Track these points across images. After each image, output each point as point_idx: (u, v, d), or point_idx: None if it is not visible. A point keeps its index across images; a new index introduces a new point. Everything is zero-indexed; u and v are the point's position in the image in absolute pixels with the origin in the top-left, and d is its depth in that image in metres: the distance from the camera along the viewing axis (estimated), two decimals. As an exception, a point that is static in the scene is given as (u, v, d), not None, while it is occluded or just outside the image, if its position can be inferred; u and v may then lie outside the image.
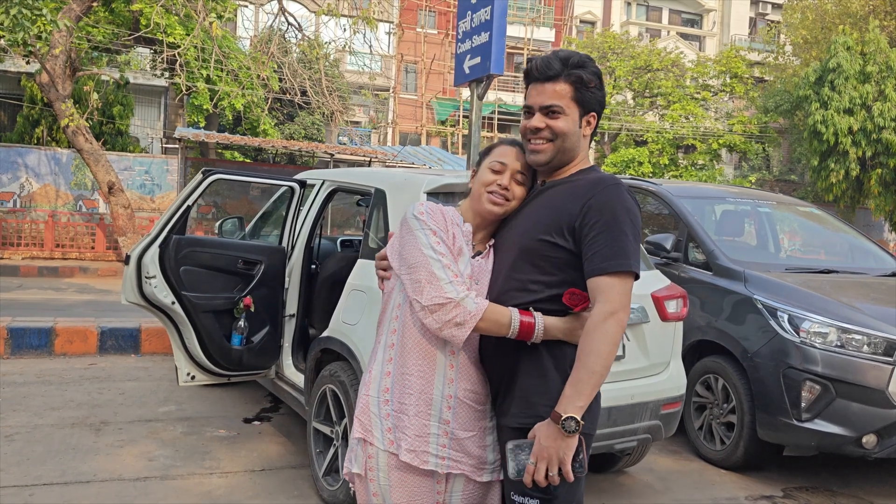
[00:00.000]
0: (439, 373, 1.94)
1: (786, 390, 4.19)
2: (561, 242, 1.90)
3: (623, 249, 1.84)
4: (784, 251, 6.02)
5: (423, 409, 1.93)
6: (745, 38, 34.25)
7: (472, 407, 1.98)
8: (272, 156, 20.68)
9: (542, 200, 2.00)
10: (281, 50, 14.17)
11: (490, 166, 2.05)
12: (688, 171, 25.27)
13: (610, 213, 1.86)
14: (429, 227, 1.92)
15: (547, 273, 1.92)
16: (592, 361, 1.79)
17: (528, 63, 2.01)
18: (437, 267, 1.86)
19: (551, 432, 1.79)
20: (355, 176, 4.49)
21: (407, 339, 1.95)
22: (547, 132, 1.96)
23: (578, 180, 1.98)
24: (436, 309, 1.84)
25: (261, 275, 4.27)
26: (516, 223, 2.02)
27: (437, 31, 31.16)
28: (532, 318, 1.89)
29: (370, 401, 1.98)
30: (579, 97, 1.96)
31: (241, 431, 4.72)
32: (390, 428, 1.93)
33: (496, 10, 7.56)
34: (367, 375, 2.02)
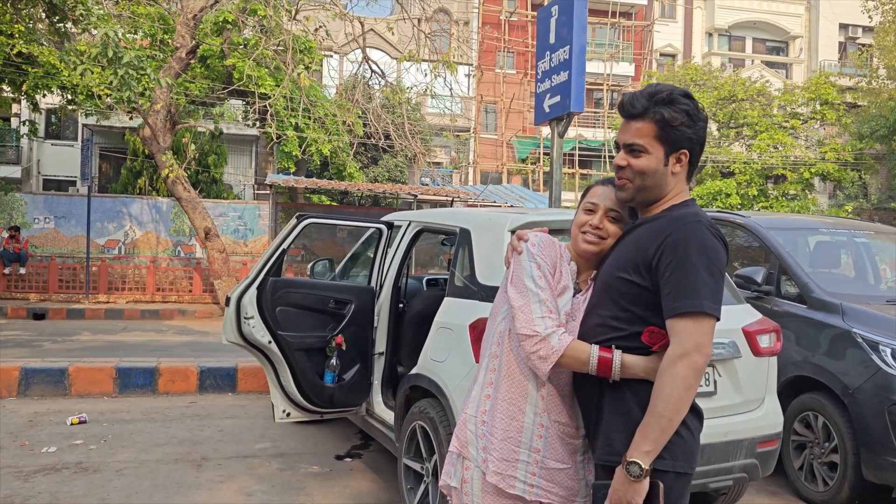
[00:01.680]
0: (531, 402, 2.00)
1: (892, 428, 4.00)
2: (637, 280, 1.90)
3: (693, 288, 1.80)
4: (884, 283, 5.75)
5: (512, 435, 2.00)
6: (834, 63, 33.13)
7: (563, 439, 2.02)
8: (357, 198, 21.28)
9: (631, 238, 2.01)
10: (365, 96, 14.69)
11: (584, 207, 2.12)
12: (778, 201, 24.43)
13: (683, 251, 1.83)
14: (535, 260, 2.01)
15: (626, 310, 1.92)
16: (660, 405, 1.77)
17: (622, 96, 2.02)
18: (534, 300, 1.96)
19: (620, 476, 1.81)
20: (440, 216, 4.61)
21: (504, 365, 2.04)
22: (629, 171, 1.97)
23: (664, 217, 1.96)
24: (524, 339, 1.94)
25: (351, 314, 4.42)
26: (608, 260, 2.06)
27: (516, 71, 31.53)
28: (610, 355, 1.91)
29: (468, 419, 2.08)
30: (663, 136, 1.93)
31: (333, 468, 4.84)
32: (483, 447, 2.02)
33: (574, 49, 7.66)
34: (469, 394, 2.13)
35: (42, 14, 8.85)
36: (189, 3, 12.52)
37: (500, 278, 3.52)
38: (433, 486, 3.69)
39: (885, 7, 21.32)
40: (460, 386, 3.50)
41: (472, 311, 3.56)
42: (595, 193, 2.13)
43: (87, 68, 8.45)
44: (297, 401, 4.38)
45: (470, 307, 3.61)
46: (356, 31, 12.82)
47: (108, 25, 8.19)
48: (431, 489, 3.70)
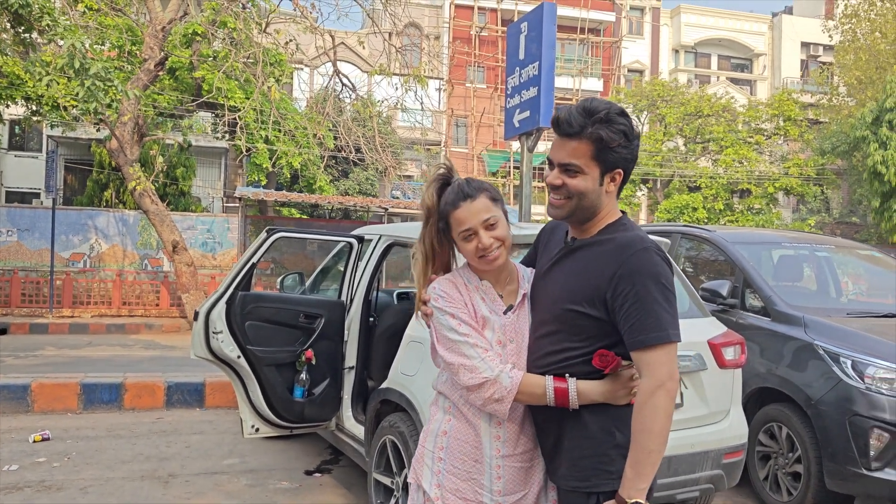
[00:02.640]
0: (486, 441, 1.97)
1: (853, 438, 4.09)
2: (593, 313, 1.87)
3: (658, 320, 1.79)
4: (845, 296, 5.89)
5: (476, 478, 1.97)
6: (796, 80, 33.93)
7: (521, 468, 2.00)
8: (328, 211, 21.20)
9: (572, 265, 1.96)
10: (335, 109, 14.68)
11: (461, 238, 1.99)
12: (744, 215, 24.88)
13: (641, 283, 1.81)
14: (447, 312, 1.95)
15: (582, 340, 1.90)
16: (649, 441, 1.76)
17: (557, 112, 1.92)
18: (466, 348, 1.91)
19: None
20: (411, 230, 4.62)
21: (461, 406, 2.01)
22: (564, 190, 1.91)
23: (606, 242, 1.92)
24: (474, 389, 1.90)
25: (321, 328, 4.41)
26: (548, 284, 2.00)
27: (486, 86, 31.76)
28: (565, 385, 1.89)
29: (425, 453, 2.05)
30: (600, 157, 1.87)
31: (302, 483, 4.80)
32: (438, 484, 1.99)
33: (544, 65, 7.76)
34: (428, 426, 2.09)
35: (7, 24, 8.72)
36: (158, 14, 12.43)
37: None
38: (403, 501, 3.68)
39: (845, 27, 21.92)
40: (431, 400, 3.50)
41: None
42: (462, 220, 1.98)
43: (53, 79, 8.33)
44: (266, 416, 4.35)
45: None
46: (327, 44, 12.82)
47: (74, 36, 8.10)
48: (401, 503, 3.70)
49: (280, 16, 13.01)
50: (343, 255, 4.80)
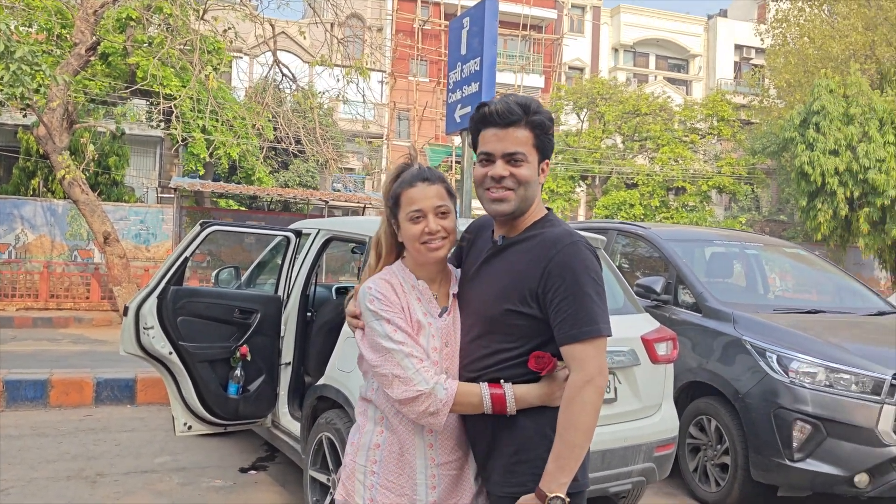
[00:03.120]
0: (420, 453, 1.92)
1: (777, 430, 4.24)
2: (526, 311, 1.85)
3: (590, 314, 1.79)
4: (772, 292, 6.11)
5: (409, 493, 1.91)
6: (730, 81, 34.93)
7: (454, 476, 1.96)
8: (267, 203, 20.87)
9: (503, 263, 1.93)
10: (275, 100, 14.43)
11: (409, 218, 1.92)
12: (679, 212, 25.52)
13: (571, 277, 1.80)
14: (382, 317, 1.86)
15: (516, 340, 1.87)
16: (573, 435, 1.75)
17: (483, 107, 1.91)
18: (401, 357, 1.82)
19: None
20: (350, 225, 4.58)
21: (392, 417, 1.93)
22: (510, 180, 1.88)
23: (536, 237, 1.91)
24: (407, 402, 1.82)
25: (257, 324, 4.33)
26: (478, 286, 1.96)
27: (429, 80, 31.72)
28: (502, 391, 1.85)
29: (357, 468, 1.95)
30: (539, 144, 1.90)
31: (237, 481, 4.72)
32: (371, 499, 1.91)
33: (485, 61, 7.77)
34: (357, 439, 1.98)
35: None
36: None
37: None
38: (339, 498, 3.65)
39: (775, 31, 22.64)
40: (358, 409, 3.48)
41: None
42: (415, 198, 1.92)
43: (-25, 62, 7.94)
44: (199, 413, 4.25)
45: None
46: (267, 33, 12.59)
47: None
48: (338, 501, 3.66)
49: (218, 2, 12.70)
50: (280, 249, 4.72)
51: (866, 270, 22.49)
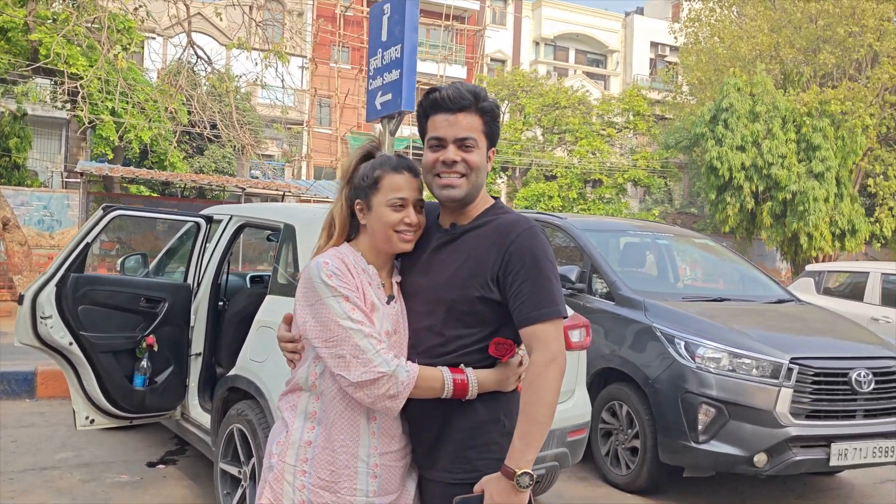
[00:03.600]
0: (363, 443, 1.84)
1: (684, 414, 4.39)
2: (488, 295, 1.85)
3: (550, 296, 1.82)
4: (681, 281, 6.32)
5: (348, 485, 1.83)
6: (646, 77, 35.95)
7: (395, 467, 1.90)
8: (180, 190, 20.17)
9: (458, 250, 1.92)
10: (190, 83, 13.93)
11: (390, 204, 1.88)
12: (595, 204, 26.15)
13: (532, 260, 1.83)
14: (340, 294, 1.77)
15: (475, 326, 1.87)
16: (539, 412, 1.76)
17: (434, 92, 1.91)
18: (360, 338, 1.75)
19: (504, 487, 1.76)
20: (264, 211, 4.47)
21: (330, 409, 1.84)
22: (462, 166, 1.88)
23: (490, 223, 1.92)
24: (366, 385, 1.74)
25: (165, 313, 4.16)
26: (431, 273, 1.93)
27: (351, 67, 31.34)
28: (464, 377, 1.84)
29: (286, 469, 1.84)
30: (488, 131, 1.92)
31: (144, 476, 4.55)
32: (303, 501, 1.82)
33: (406, 48, 7.71)
34: (284, 437, 1.88)
35: None
36: (-15, -33, 11.25)
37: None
38: (251, 490, 3.56)
39: (688, 30, 23.39)
40: (281, 387, 3.39)
41: (294, 310, 3.47)
42: (399, 186, 1.89)
43: None
44: (102, 406, 4.07)
45: (293, 305, 3.52)
46: (181, 13, 12.11)
47: None
48: (249, 493, 3.58)
49: (129, -21, 12.13)
50: (191, 235, 4.55)
51: (769, 261, 23.61)
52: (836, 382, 4.40)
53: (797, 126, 18.78)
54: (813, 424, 4.31)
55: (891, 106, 19.22)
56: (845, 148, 18.69)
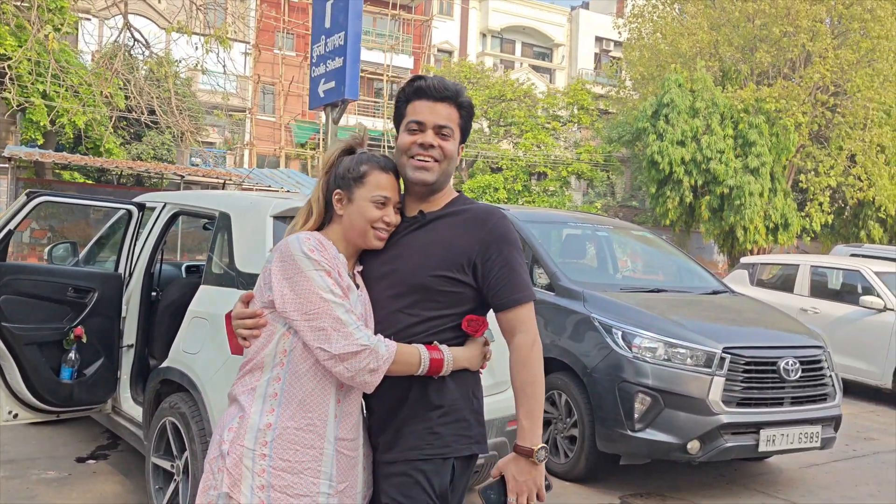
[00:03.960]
0: (330, 424, 1.83)
1: (620, 402, 4.46)
2: (461, 277, 1.92)
3: (525, 281, 1.95)
4: (620, 272, 6.42)
5: (312, 466, 1.80)
6: (590, 72, 36.43)
7: (348, 455, 1.89)
8: (117, 177, 19.56)
9: (431, 235, 1.97)
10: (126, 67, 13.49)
11: (373, 200, 1.92)
12: (540, 197, 26.42)
13: (507, 248, 1.93)
14: (322, 267, 1.79)
15: (447, 307, 1.93)
16: (538, 390, 1.90)
17: (418, 80, 2.00)
18: (341, 312, 1.77)
19: (524, 467, 1.88)
20: (199, 199, 4.35)
21: (297, 389, 1.81)
22: (437, 151, 1.95)
23: (463, 212, 1.99)
24: (348, 357, 1.75)
25: (94, 303, 4.01)
26: (401, 257, 1.96)
27: (296, 54, 30.85)
28: (441, 354, 1.89)
29: (244, 453, 1.78)
30: (463, 125, 2.01)
31: (73, 472, 4.40)
32: (263, 486, 1.77)
33: (350, 35, 7.61)
34: (238, 423, 1.82)
35: None
36: None
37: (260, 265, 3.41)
38: (183, 485, 3.48)
39: (632, 26, 23.78)
40: (214, 379, 3.33)
41: (229, 300, 3.38)
42: (384, 186, 1.94)
43: None
44: (26, 400, 3.90)
45: (227, 295, 3.45)
46: (117, -6, 11.71)
47: None
48: (182, 488, 3.50)
49: (60, -44, 11.67)
50: (122, 223, 4.40)
51: (706, 254, 24.26)
52: (765, 371, 4.55)
53: (734, 122, 19.29)
54: (743, 412, 4.44)
55: (822, 105, 19.91)
56: (779, 144, 19.28)
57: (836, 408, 4.81)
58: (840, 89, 19.82)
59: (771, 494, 4.80)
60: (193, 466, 3.37)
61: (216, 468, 1.83)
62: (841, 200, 21.56)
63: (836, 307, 8.65)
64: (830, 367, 4.88)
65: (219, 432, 1.87)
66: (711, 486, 4.90)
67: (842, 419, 4.91)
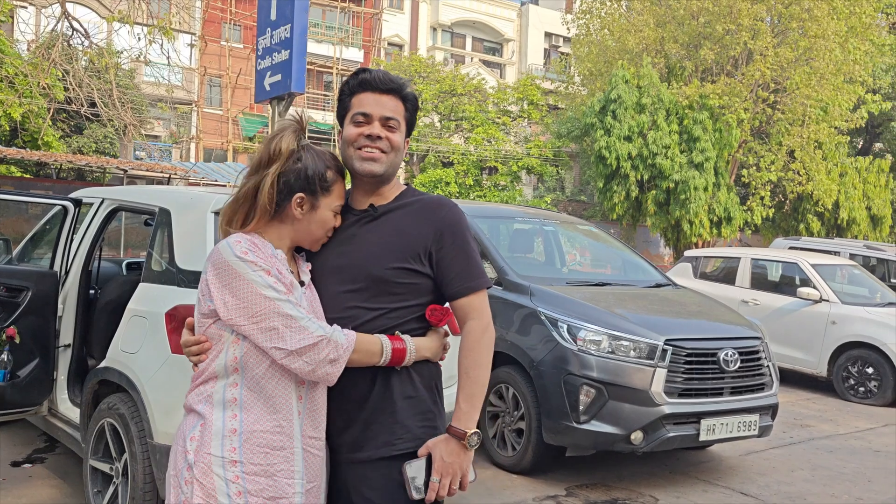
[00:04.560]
0: (296, 423, 1.81)
1: (566, 395, 4.52)
2: (418, 268, 1.92)
3: (479, 268, 1.97)
4: (567, 266, 6.49)
5: (285, 468, 1.78)
6: (540, 67, 36.69)
7: (316, 455, 1.87)
8: (56, 171, 18.95)
9: (384, 227, 1.96)
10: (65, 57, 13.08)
11: (334, 210, 1.92)
12: (491, 191, 26.54)
13: (461, 236, 1.95)
14: (260, 267, 1.75)
15: (406, 298, 1.93)
16: (482, 374, 1.91)
17: (363, 73, 1.99)
18: (289, 307, 1.74)
19: (454, 448, 1.86)
20: (138, 194, 4.25)
21: (258, 392, 1.78)
22: (384, 143, 1.95)
23: (413, 203, 1.99)
24: (306, 351, 1.73)
25: (27, 302, 3.88)
26: (354, 251, 1.94)
27: (243, 46, 30.34)
28: (403, 344, 1.88)
29: (213, 461, 1.74)
30: (409, 117, 2.02)
31: (7, 476, 4.26)
32: (240, 492, 1.74)
33: (296, 28, 7.53)
34: (200, 432, 1.77)
35: None
36: None
37: (201, 262, 3.35)
38: (123, 488, 3.41)
39: (580, 22, 24.02)
40: (154, 379, 3.27)
41: (169, 298, 3.33)
42: (343, 192, 1.96)
43: None
44: (-44, 404, 3.77)
45: (168, 293, 3.38)
46: (53, -19, 11.34)
47: None
48: (121, 490, 3.42)
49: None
50: (58, 220, 4.27)
51: (653, 247, 24.72)
52: (706, 362, 4.66)
53: (680, 118, 19.68)
54: (685, 402, 4.55)
55: (763, 101, 20.46)
56: (722, 140, 19.72)
57: (773, 396, 4.97)
58: (780, 86, 20.37)
59: (712, 482, 4.93)
60: (133, 468, 3.30)
61: (183, 480, 1.77)
62: (781, 194, 22.19)
63: (775, 298, 8.92)
64: (768, 357, 5.03)
65: (179, 443, 1.82)
66: (655, 476, 5.00)
67: (778, 407, 5.07)
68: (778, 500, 4.65)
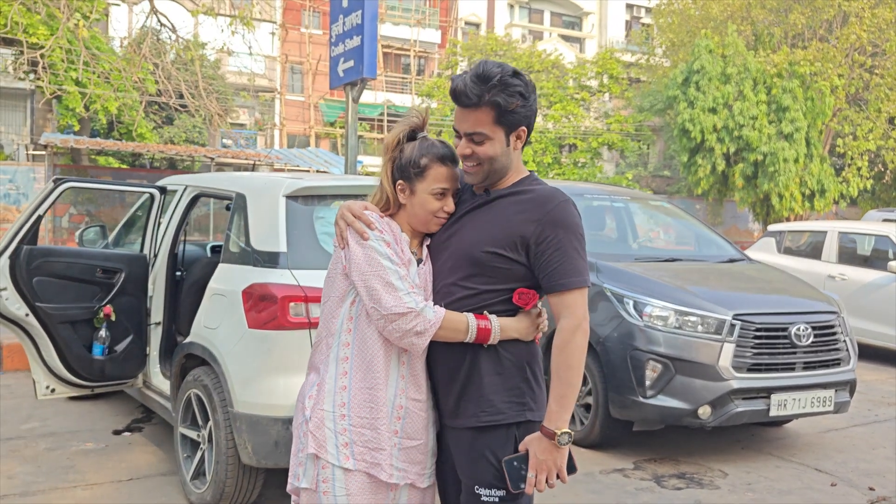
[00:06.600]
0: (391, 385, 1.99)
1: (632, 370, 4.55)
2: (514, 256, 1.98)
3: (578, 267, 1.97)
4: (637, 242, 6.45)
5: (384, 423, 1.97)
6: (621, 40, 35.81)
7: (419, 415, 2.03)
8: (150, 161, 19.96)
9: (491, 213, 2.05)
10: (155, 51, 13.74)
11: (433, 193, 2.04)
12: (570, 169, 26.22)
13: (563, 233, 1.96)
14: (383, 238, 1.96)
15: (498, 282, 2.01)
16: (572, 375, 1.94)
17: (452, 82, 2.00)
18: (395, 277, 1.92)
19: (546, 447, 1.94)
20: (217, 181, 4.51)
21: (364, 352, 1.98)
22: (475, 157, 2.01)
23: (526, 193, 2.04)
24: (395, 318, 1.89)
25: (121, 283, 4.22)
26: (461, 232, 2.07)
27: (323, 32, 30.91)
28: (488, 323, 1.97)
29: (325, 416, 1.97)
30: (502, 120, 1.99)
31: (109, 443, 4.64)
32: (346, 443, 1.95)
33: (367, 14, 7.67)
34: (316, 390, 2.02)
35: None
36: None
37: (274, 243, 3.56)
38: (208, 453, 3.68)
39: (662, -10, 23.35)
40: (233, 352, 3.50)
41: (246, 277, 3.55)
42: (444, 177, 2.05)
43: None
44: (62, 375, 4.15)
45: (244, 273, 3.60)
46: (142, -20, 11.91)
47: None
48: (207, 455, 3.69)
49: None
50: (146, 207, 4.59)
51: (741, 222, 23.91)
52: (776, 337, 4.58)
53: (767, 87, 18.88)
54: (754, 377, 4.50)
55: (859, 66, 19.39)
56: (814, 109, 18.82)
57: (850, 372, 4.83)
58: (878, 50, 19.25)
59: (785, 458, 4.85)
60: (216, 435, 3.55)
61: (301, 433, 2.02)
62: (881, 164, 21.02)
63: (864, 273, 8.55)
64: (845, 332, 4.89)
65: (301, 400, 2.07)
66: (725, 451, 4.97)
67: (856, 383, 4.93)
68: (854, 477, 4.54)
